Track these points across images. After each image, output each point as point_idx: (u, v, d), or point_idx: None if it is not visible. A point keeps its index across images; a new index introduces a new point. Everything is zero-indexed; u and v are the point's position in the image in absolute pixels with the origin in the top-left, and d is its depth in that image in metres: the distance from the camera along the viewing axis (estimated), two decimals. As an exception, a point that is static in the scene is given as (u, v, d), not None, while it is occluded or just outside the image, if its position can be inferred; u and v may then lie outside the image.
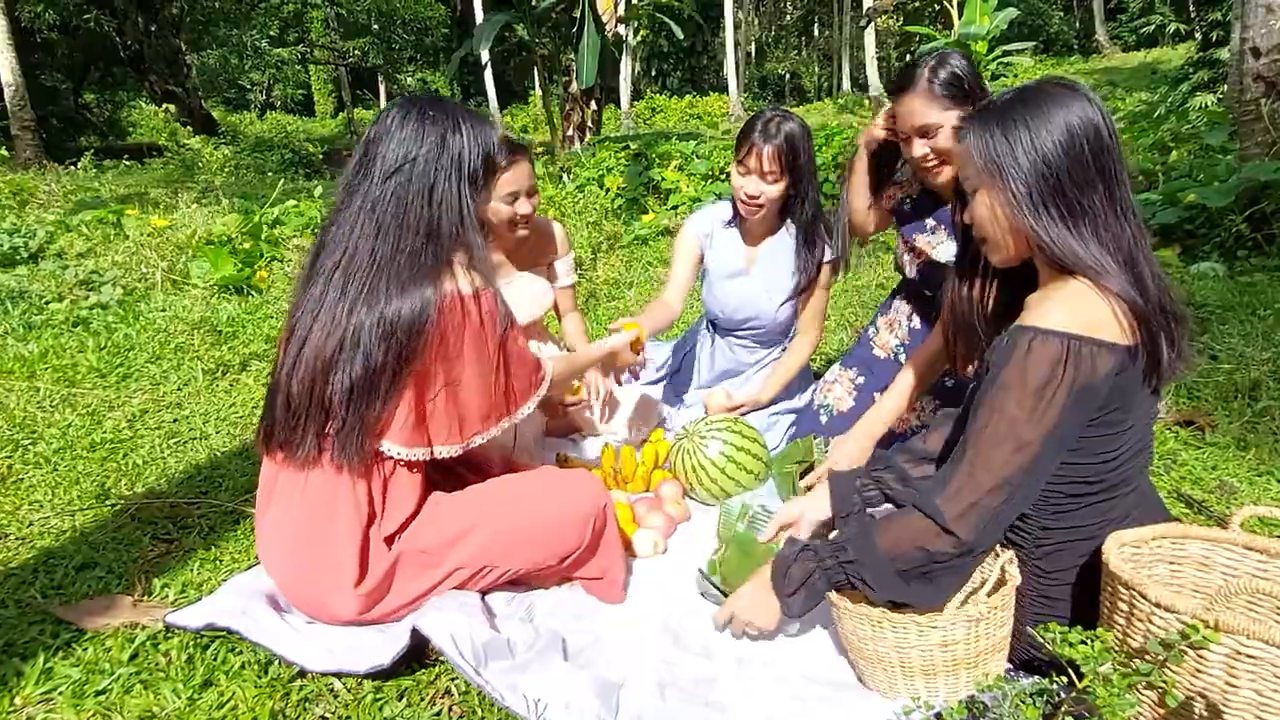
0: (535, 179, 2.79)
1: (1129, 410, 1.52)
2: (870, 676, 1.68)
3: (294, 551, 1.83)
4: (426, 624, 1.72)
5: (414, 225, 1.75)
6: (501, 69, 25.97)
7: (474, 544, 1.86)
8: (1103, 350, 1.45)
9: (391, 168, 1.76)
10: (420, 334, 1.71)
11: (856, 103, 22.39)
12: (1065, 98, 1.53)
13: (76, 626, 1.89)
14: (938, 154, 2.30)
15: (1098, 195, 1.50)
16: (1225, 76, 10.11)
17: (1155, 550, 1.64)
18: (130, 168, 15.20)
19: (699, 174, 8.55)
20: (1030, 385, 1.45)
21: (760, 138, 2.66)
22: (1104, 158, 1.50)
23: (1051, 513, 1.62)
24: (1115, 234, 1.50)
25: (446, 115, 1.81)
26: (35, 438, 3.01)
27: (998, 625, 1.58)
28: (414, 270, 1.73)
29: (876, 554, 1.59)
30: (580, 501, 1.93)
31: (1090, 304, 1.47)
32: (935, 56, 2.24)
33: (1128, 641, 1.45)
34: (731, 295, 3.00)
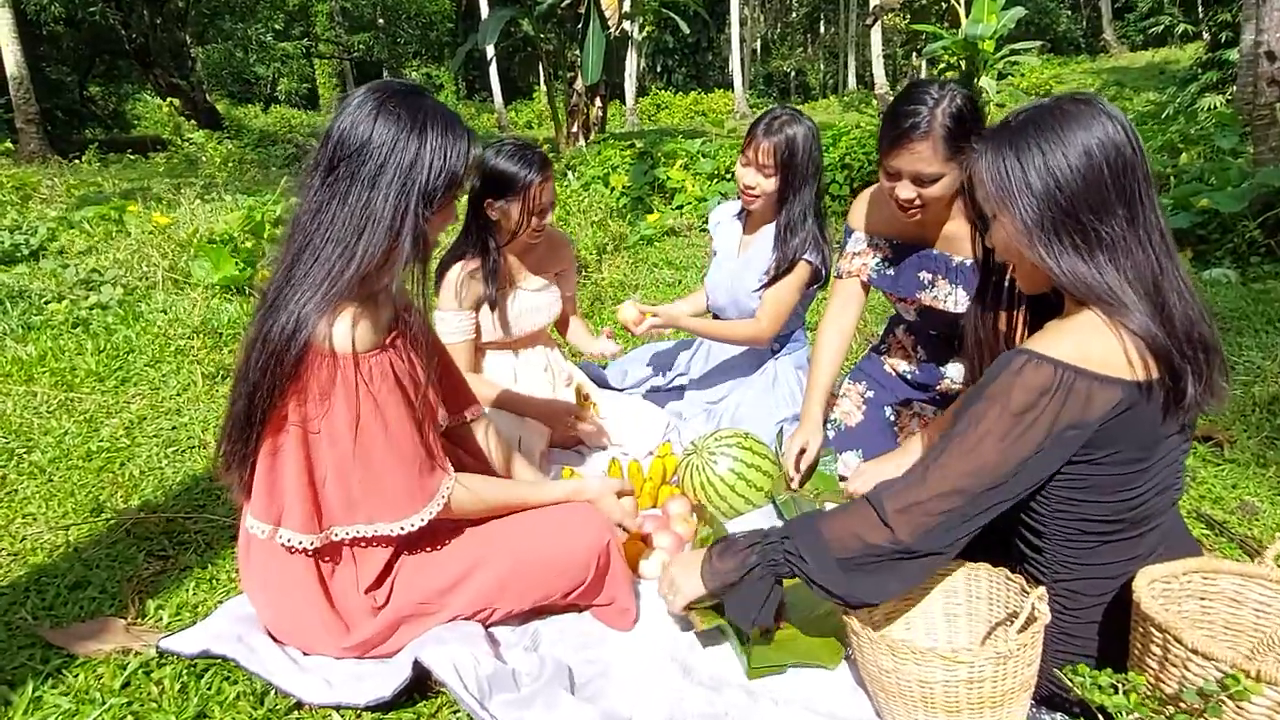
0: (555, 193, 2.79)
1: (1149, 449, 1.45)
2: (889, 711, 1.62)
3: (273, 602, 1.78)
4: (429, 656, 1.66)
5: (335, 233, 1.53)
6: (506, 65, 25.90)
7: (474, 588, 1.79)
8: (1104, 386, 1.38)
9: (334, 161, 1.55)
10: (284, 364, 1.53)
11: (862, 100, 22.30)
12: (1085, 117, 1.44)
13: (67, 651, 1.83)
14: (925, 199, 2.20)
15: (1117, 221, 1.42)
16: (1234, 77, 10.04)
17: (1186, 585, 1.58)
18: (134, 162, 15.13)
19: (704, 173, 8.49)
20: (1011, 406, 1.41)
21: (763, 133, 2.73)
22: (1126, 179, 1.42)
23: (1068, 548, 1.55)
24: (1136, 261, 1.42)
25: (416, 114, 1.57)
26: (31, 446, 2.95)
27: (1026, 664, 1.52)
28: (316, 288, 1.53)
29: (819, 539, 1.56)
30: (584, 538, 1.85)
31: (1097, 337, 1.41)
32: (944, 93, 2.10)
33: (1160, 687, 1.39)
34: (721, 282, 3.07)
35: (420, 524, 1.70)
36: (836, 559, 1.53)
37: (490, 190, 2.65)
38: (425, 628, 1.79)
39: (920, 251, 2.45)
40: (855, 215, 2.63)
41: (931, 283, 2.43)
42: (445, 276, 2.75)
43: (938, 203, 2.21)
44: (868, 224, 2.59)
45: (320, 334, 1.54)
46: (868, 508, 1.53)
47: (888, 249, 2.53)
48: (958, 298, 2.38)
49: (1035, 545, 1.59)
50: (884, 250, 2.54)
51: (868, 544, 1.50)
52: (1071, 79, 18.41)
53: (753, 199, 2.83)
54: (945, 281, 2.41)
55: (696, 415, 3.07)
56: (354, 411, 1.57)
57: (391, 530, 1.68)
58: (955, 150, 2.11)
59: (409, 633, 1.78)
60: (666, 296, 5.30)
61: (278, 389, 1.55)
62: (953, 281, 2.39)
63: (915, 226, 2.38)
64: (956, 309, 2.38)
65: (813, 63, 38.14)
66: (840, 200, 7.52)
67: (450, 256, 2.78)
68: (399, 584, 1.78)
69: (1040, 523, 1.56)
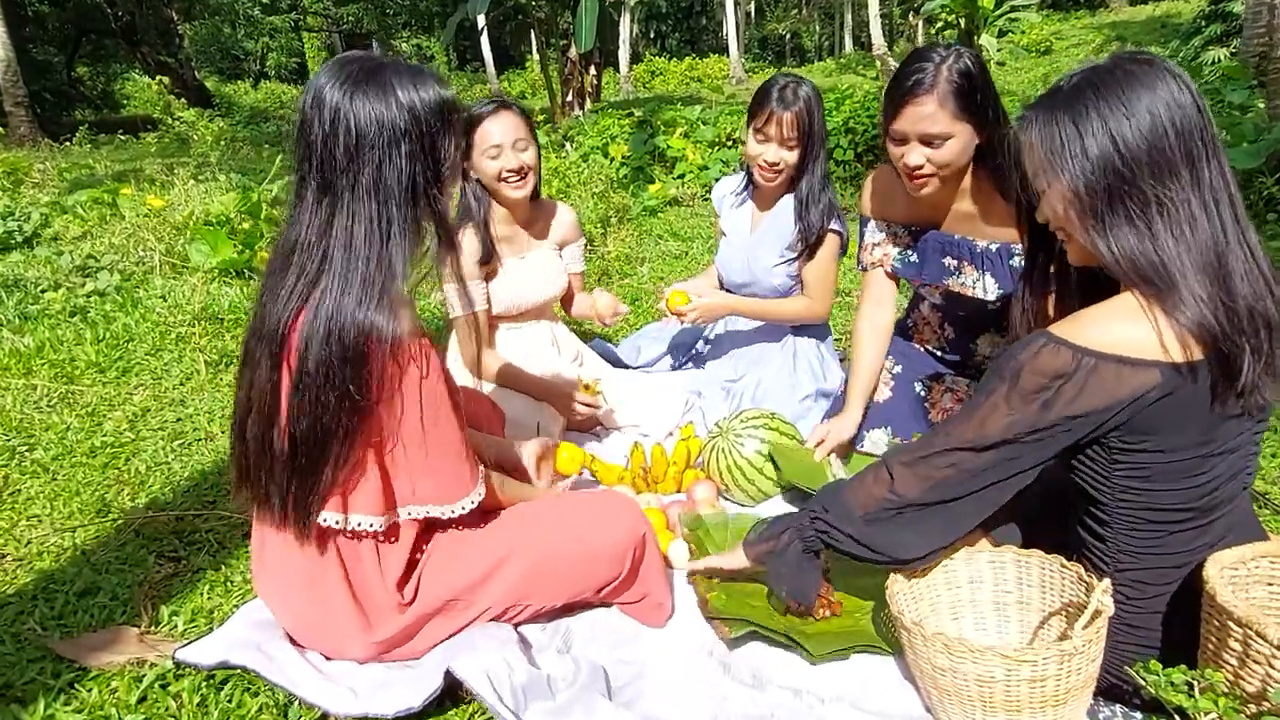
0: (528, 134, 2.69)
1: (1208, 433, 1.37)
2: (943, 709, 1.55)
3: (297, 603, 1.70)
4: (460, 666, 1.58)
5: (359, 248, 1.48)
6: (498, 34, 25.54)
7: (506, 581, 1.72)
8: (1135, 369, 1.32)
9: (326, 175, 1.49)
10: (360, 381, 1.47)
11: (860, 61, 21.99)
12: (1148, 77, 1.35)
13: (79, 664, 1.76)
14: (935, 165, 2.09)
15: (1180, 186, 1.33)
16: (1239, 30, 9.86)
17: (1254, 571, 1.50)
18: (125, 142, 14.95)
19: (705, 141, 8.34)
20: (1022, 386, 1.38)
21: (779, 105, 2.61)
22: (1191, 141, 1.33)
23: (1134, 538, 1.47)
24: (1199, 231, 1.33)
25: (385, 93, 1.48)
26: (33, 443, 2.86)
27: (1090, 660, 1.44)
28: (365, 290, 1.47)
29: (842, 501, 1.61)
30: (619, 530, 1.78)
31: (1126, 322, 1.34)
32: (950, 51, 2.01)
33: (1240, 684, 1.31)
34: (734, 258, 2.98)
35: (472, 506, 1.68)
36: (860, 515, 1.58)
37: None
38: (453, 625, 1.72)
39: (939, 235, 2.36)
40: (866, 203, 2.54)
41: (958, 269, 2.34)
42: None
43: (946, 170, 2.10)
44: (880, 211, 2.49)
45: (384, 332, 1.46)
46: (880, 465, 1.59)
47: (907, 237, 2.45)
48: (986, 284, 2.28)
49: (1098, 534, 1.51)
50: (903, 239, 2.46)
51: (874, 496, 1.56)
52: (1072, 35, 18.10)
53: (775, 175, 2.72)
54: (972, 268, 2.31)
55: (715, 393, 2.99)
56: (417, 399, 1.53)
57: (443, 513, 1.65)
58: (964, 109, 2.01)
59: (435, 630, 1.71)
60: (673, 268, 5.20)
61: (353, 411, 1.48)
62: (980, 268, 2.29)
63: (927, 209, 2.28)
64: (986, 295, 2.29)
65: (808, 25, 37.68)
66: (845, 166, 7.38)
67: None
68: (426, 579, 1.70)
69: (1104, 510, 1.48)
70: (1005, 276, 2.23)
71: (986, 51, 12.11)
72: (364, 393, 1.47)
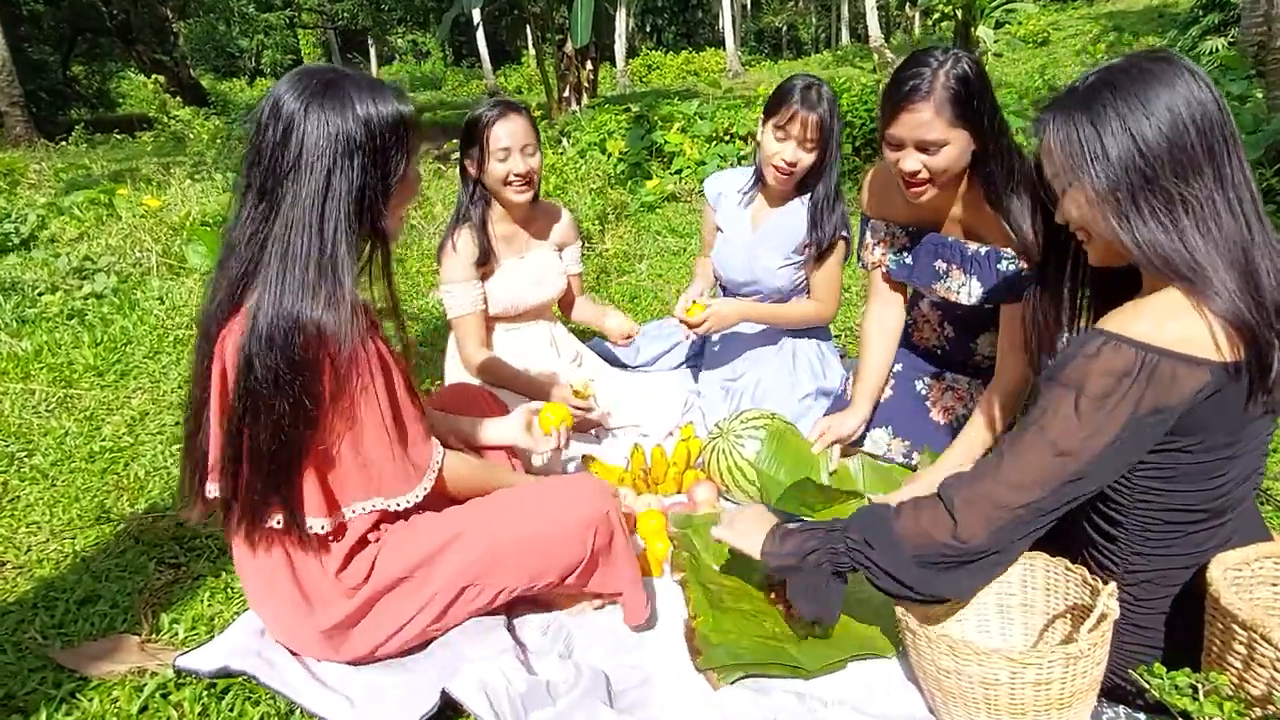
0: (535, 139, 2.68)
1: (1235, 433, 1.36)
2: (947, 711, 1.55)
3: (260, 598, 1.72)
4: (457, 686, 1.58)
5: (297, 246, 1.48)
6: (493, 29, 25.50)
7: (459, 557, 1.68)
8: (1190, 368, 1.28)
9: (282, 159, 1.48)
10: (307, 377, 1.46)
11: (856, 54, 21.95)
12: (1166, 75, 1.33)
13: (80, 674, 1.75)
14: (931, 172, 2.07)
15: (1204, 184, 1.31)
16: (1237, 19, 9.84)
17: (1258, 572, 1.49)
18: (121, 141, 14.87)
19: (703, 136, 8.31)
20: (1090, 392, 1.32)
21: (803, 105, 2.57)
22: (1213, 138, 1.31)
23: (1147, 540, 1.47)
24: (1225, 228, 1.31)
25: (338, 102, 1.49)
26: (31, 449, 2.86)
27: (1095, 663, 1.44)
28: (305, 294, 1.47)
29: (890, 534, 1.50)
30: (578, 506, 1.73)
31: (1180, 316, 1.30)
32: (948, 56, 1.98)
33: (1244, 687, 1.31)
34: (735, 258, 2.95)
35: (417, 499, 1.66)
36: (913, 556, 1.47)
37: (464, 144, 2.67)
38: (407, 604, 1.68)
39: (934, 238, 2.34)
40: (866, 202, 2.53)
41: (946, 272, 2.32)
42: (444, 247, 2.73)
43: (943, 177, 2.08)
44: (880, 210, 2.48)
45: (325, 333, 1.46)
46: (937, 502, 1.47)
47: (904, 237, 2.43)
48: (971, 289, 2.27)
49: (1109, 534, 1.50)
50: (900, 239, 2.44)
51: (935, 541, 1.45)
52: (1069, 25, 18.08)
53: (789, 175, 2.69)
54: (960, 271, 2.29)
55: (714, 393, 2.98)
56: (362, 398, 1.53)
57: (389, 505, 1.64)
58: (960, 116, 1.98)
59: (389, 608, 1.68)
60: (671, 265, 5.19)
61: (307, 408, 1.48)
62: (967, 271, 2.27)
63: (927, 211, 2.26)
64: (970, 301, 2.27)
65: (804, 17, 37.61)
66: (843, 160, 7.35)
67: (448, 229, 2.75)
68: (381, 560, 1.67)
69: (1119, 511, 1.47)
70: (991, 281, 2.22)
71: (983, 43, 12.06)
72: (313, 397, 1.47)
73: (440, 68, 34.77)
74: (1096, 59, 13.54)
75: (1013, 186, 2.08)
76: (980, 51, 11.93)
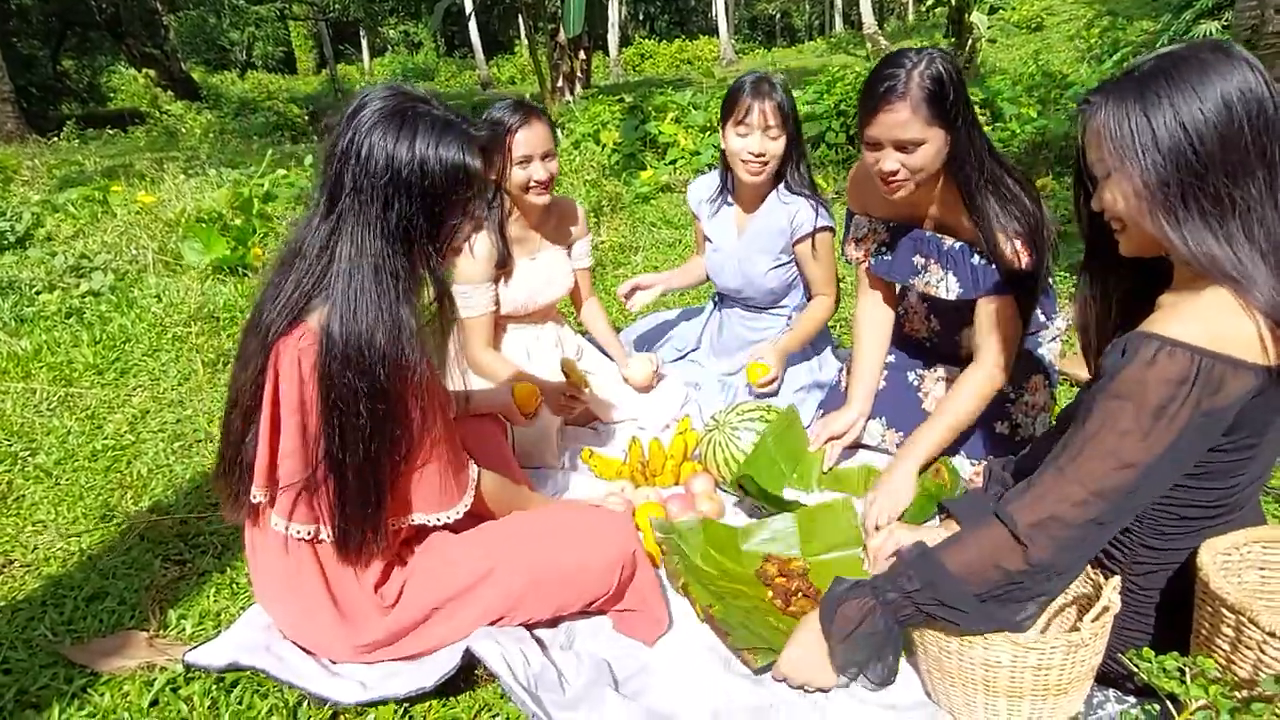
0: (554, 143, 2.68)
1: (1261, 435, 1.38)
2: (945, 693, 1.58)
3: (283, 603, 1.74)
4: (481, 647, 1.63)
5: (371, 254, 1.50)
6: (485, 19, 25.42)
7: (492, 593, 1.72)
8: (1239, 371, 1.27)
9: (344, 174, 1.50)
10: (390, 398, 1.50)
11: (850, 41, 21.93)
12: (1222, 65, 1.28)
13: (91, 670, 1.78)
14: (909, 170, 2.08)
15: (1255, 184, 1.28)
16: (1232, 3, 9.84)
17: (1246, 556, 1.52)
18: (113, 137, 14.87)
19: (697, 126, 8.32)
20: (1150, 402, 1.28)
21: (754, 96, 2.64)
22: (1266, 139, 1.27)
23: (1158, 534, 1.49)
24: (1271, 230, 1.28)
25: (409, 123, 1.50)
26: (34, 448, 2.88)
27: (1094, 653, 1.47)
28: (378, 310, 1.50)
29: (947, 577, 1.45)
30: (608, 548, 1.77)
31: (1231, 318, 1.27)
32: (923, 56, 2.00)
33: (1232, 669, 1.34)
34: (724, 265, 2.98)
35: (458, 515, 1.71)
36: (974, 594, 1.43)
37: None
38: (438, 633, 1.72)
39: (914, 233, 2.37)
40: (851, 197, 2.55)
41: (924, 267, 2.35)
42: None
43: (921, 175, 2.10)
44: (862, 205, 2.50)
45: (406, 358, 1.50)
46: (997, 527, 1.42)
47: (885, 233, 2.46)
48: (949, 284, 2.29)
49: (1125, 527, 1.51)
50: (881, 234, 2.47)
51: (1009, 571, 1.40)
52: (1064, 10, 18.06)
53: (761, 168, 2.72)
54: (937, 266, 2.31)
55: (712, 386, 3.01)
56: (420, 419, 1.56)
57: (429, 521, 1.68)
58: (936, 115, 2.00)
59: (420, 638, 1.72)
60: (667, 256, 5.21)
61: (389, 428, 1.52)
62: (944, 266, 2.30)
63: (906, 207, 2.29)
64: (948, 295, 2.30)
65: (798, 4, 37.49)
66: (837, 149, 7.38)
67: None
68: (413, 585, 1.72)
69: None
70: (966, 276, 2.25)
71: (977, 29, 12.04)
72: (396, 421, 1.51)
73: (433, 59, 34.65)
74: (1090, 44, 13.54)
75: (984, 184, 2.11)
76: (974, 37, 11.93)
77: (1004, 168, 2.13)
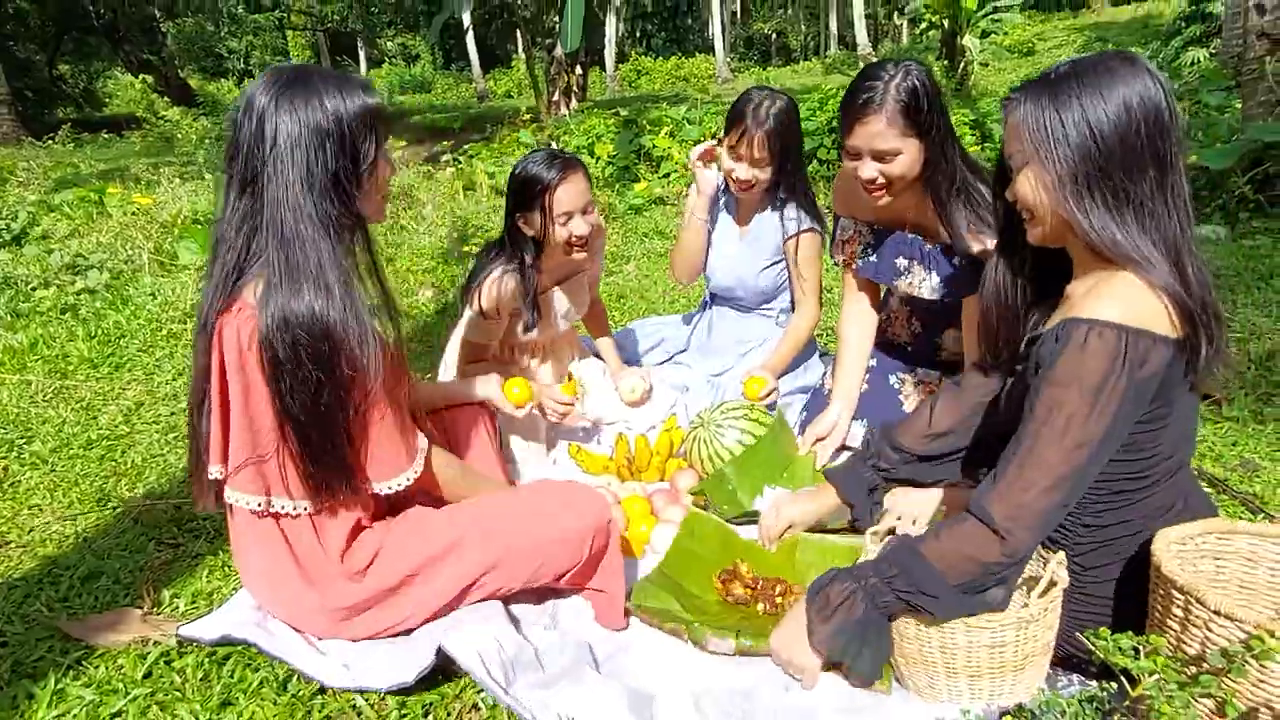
0: (591, 194, 2.58)
1: (1172, 405, 1.47)
2: (910, 676, 1.64)
3: (259, 575, 1.79)
4: (452, 643, 1.66)
5: (297, 212, 1.55)
6: (483, 33, 25.53)
7: (461, 563, 1.76)
8: (1156, 344, 1.39)
9: (258, 151, 1.55)
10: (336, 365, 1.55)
11: (845, 61, 22.12)
12: (1127, 73, 1.42)
13: (86, 643, 1.83)
14: (887, 178, 2.17)
15: (1147, 181, 1.42)
16: (1219, 30, 10.01)
17: (1201, 546, 1.60)
18: (109, 141, 14.92)
19: (691, 140, 8.42)
20: (1089, 381, 1.38)
21: (753, 124, 2.64)
22: (1160, 141, 1.41)
23: (1096, 510, 1.57)
24: (1161, 224, 1.43)
25: (305, 95, 1.55)
26: (30, 436, 2.93)
27: (1046, 627, 1.54)
28: (305, 270, 1.54)
29: (927, 569, 1.51)
30: (581, 516, 1.80)
31: (1141, 297, 1.40)
32: (899, 69, 2.09)
33: (1182, 648, 1.41)
34: (722, 265, 3.04)
35: (407, 483, 1.73)
36: (953, 585, 1.49)
37: (517, 203, 2.53)
38: (413, 599, 1.76)
39: (897, 235, 2.45)
40: (836, 201, 2.64)
41: (908, 269, 2.43)
42: (484, 280, 2.58)
43: (901, 182, 2.19)
44: (848, 209, 2.58)
45: (335, 317, 1.54)
46: (974, 523, 1.48)
47: (869, 235, 2.54)
48: (932, 284, 2.38)
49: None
50: (866, 237, 2.54)
51: (985, 563, 1.46)
52: (1055, 36, 18.31)
53: (746, 190, 2.80)
54: (920, 267, 2.40)
55: (700, 388, 3.07)
56: (366, 379, 1.59)
57: (380, 489, 1.72)
58: (912, 125, 2.10)
59: (398, 604, 1.76)
60: (658, 266, 5.28)
61: (334, 384, 1.56)
62: (927, 267, 2.39)
63: (888, 211, 2.37)
64: (931, 296, 2.39)
65: (793, 24, 37.79)
66: (829, 165, 7.48)
67: (486, 259, 2.64)
68: (386, 554, 1.75)
69: None
70: (948, 277, 2.33)
71: (970, 52, 12.19)
72: (334, 379, 1.55)
73: (430, 71, 34.78)
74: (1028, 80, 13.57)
75: (954, 192, 2.20)
76: (966, 60, 12.06)
77: (979, 175, 2.21)
